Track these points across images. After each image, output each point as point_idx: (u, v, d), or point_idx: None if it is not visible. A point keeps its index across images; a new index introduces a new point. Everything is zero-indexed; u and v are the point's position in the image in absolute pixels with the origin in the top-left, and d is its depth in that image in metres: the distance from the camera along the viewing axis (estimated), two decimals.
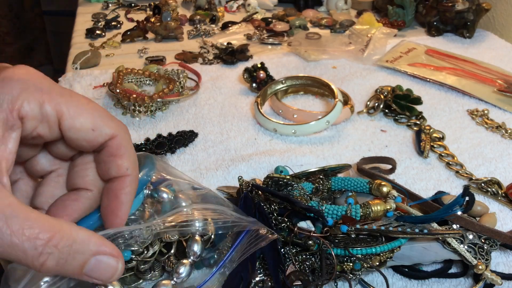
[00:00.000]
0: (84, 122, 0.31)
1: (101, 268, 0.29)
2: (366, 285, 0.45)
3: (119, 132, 0.32)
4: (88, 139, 0.31)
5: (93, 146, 0.32)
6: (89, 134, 0.31)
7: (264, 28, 1.07)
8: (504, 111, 0.77)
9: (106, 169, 0.33)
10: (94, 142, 0.32)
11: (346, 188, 0.52)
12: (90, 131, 0.31)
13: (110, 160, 0.33)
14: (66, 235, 0.27)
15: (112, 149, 0.32)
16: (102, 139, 0.32)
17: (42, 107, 0.29)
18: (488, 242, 0.46)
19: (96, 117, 0.31)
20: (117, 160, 0.33)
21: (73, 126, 0.30)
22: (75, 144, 0.32)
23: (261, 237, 0.41)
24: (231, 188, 0.57)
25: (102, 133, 0.32)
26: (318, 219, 0.45)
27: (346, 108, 0.73)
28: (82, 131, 0.31)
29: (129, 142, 0.33)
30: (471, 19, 1.02)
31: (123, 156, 0.33)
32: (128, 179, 0.33)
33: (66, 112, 0.30)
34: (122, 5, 1.25)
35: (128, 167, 0.33)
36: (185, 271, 0.40)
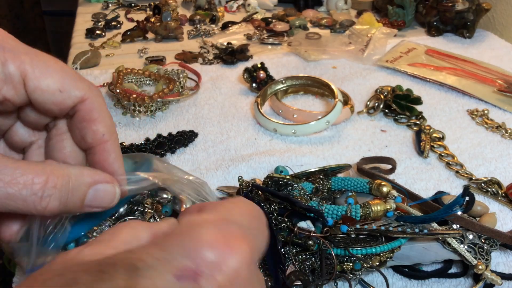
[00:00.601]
0: (50, 83, 0.29)
1: (100, 196, 0.29)
2: (366, 285, 0.45)
3: (90, 94, 0.30)
4: (56, 102, 0.29)
5: (62, 110, 0.30)
6: (57, 95, 0.29)
7: (264, 28, 1.07)
8: (504, 111, 0.77)
9: (81, 137, 0.31)
10: (63, 105, 0.29)
11: (346, 188, 0.52)
12: (58, 93, 0.29)
13: (84, 126, 0.30)
14: (60, 174, 0.27)
15: (84, 113, 0.30)
16: (71, 102, 0.29)
17: (5, 66, 0.27)
18: (488, 242, 0.46)
19: (64, 78, 0.29)
20: (91, 125, 0.30)
21: (38, 87, 0.28)
22: (43, 108, 0.29)
23: None
24: (231, 188, 0.57)
25: (71, 94, 0.29)
26: (318, 219, 0.45)
27: (346, 108, 0.73)
28: (49, 92, 0.29)
29: (102, 105, 0.31)
30: (471, 19, 1.02)
31: (97, 120, 0.30)
32: (108, 146, 0.31)
33: (31, 71, 0.28)
34: (122, 5, 1.25)
35: (105, 132, 0.31)
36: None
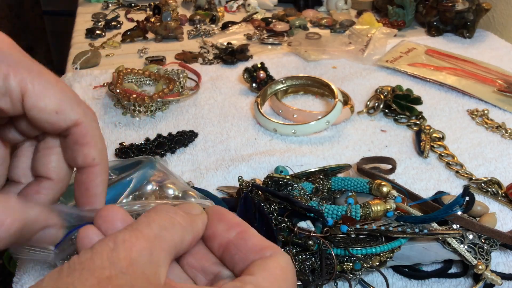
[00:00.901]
0: (48, 103, 0.29)
1: (45, 238, 0.29)
2: (366, 285, 0.45)
3: (85, 118, 0.31)
4: (51, 122, 0.30)
5: (56, 130, 0.30)
6: (52, 116, 0.29)
7: (264, 28, 1.07)
8: (504, 111, 0.77)
9: (72, 157, 0.32)
10: (57, 126, 0.30)
11: (346, 188, 0.52)
12: (54, 114, 0.29)
13: (76, 148, 0.31)
14: (18, 220, 0.27)
15: (77, 137, 0.31)
16: (65, 124, 0.30)
17: (6, 80, 0.28)
18: (488, 242, 0.46)
19: (62, 100, 0.29)
20: (83, 148, 0.31)
21: (36, 105, 0.29)
22: (37, 124, 0.30)
23: None
24: (231, 188, 0.57)
25: (66, 117, 0.30)
26: (318, 219, 0.45)
27: (346, 108, 0.73)
28: (45, 112, 0.29)
29: (96, 130, 0.32)
30: (471, 19, 1.02)
31: (89, 144, 0.31)
32: (97, 169, 0.32)
33: (31, 89, 0.28)
34: (122, 5, 1.25)
35: (95, 157, 0.31)
36: None
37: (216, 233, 0.28)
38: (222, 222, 0.28)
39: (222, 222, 0.28)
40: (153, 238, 0.24)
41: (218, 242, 0.28)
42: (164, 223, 0.25)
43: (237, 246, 0.27)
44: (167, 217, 0.26)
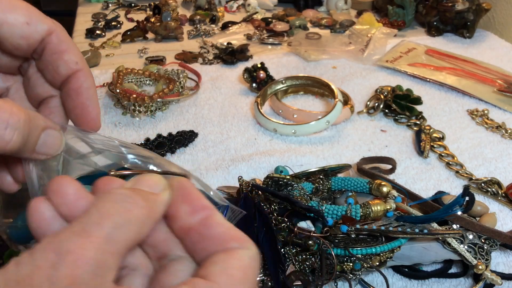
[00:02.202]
0: (17, 16, 0.29)
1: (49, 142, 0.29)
2: (366, 285, 0.45)
3: (56, 27, 0.30)
4: (24, 35, 0.29)
5: (31, 44, 0.30)
6: (24, 28, 0.29)
7: (264, 28, 1.07)
8: (504, 111, 0.77)
9: (54, 70, 0.31)
10: (31, 38, 0.30)
11: (346, 188, 0.53)
12: (25, 25, 0.29)
13: (56, 58, 0.31)
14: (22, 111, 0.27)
15: (54, 46, 0.30)
16: (38, 35, 0.30)
17: None
18: (488, 242, 0.46)
19: (30, 12, 0.29)
20: (62, 56, 0.31)
21: (5, 21, 0.28)
22: (11, 43, 0.30)
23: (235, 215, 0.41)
24: (231, 188, 0.57)
25: (38, 28, 0.30)
26: (318, 219, 0.45)
27: (346, 108, 0.73)
28: (16, 26, 0.29)
29: (69, 37, 0.31)
30: (471, 19, 1.02)
31: (68, 50, 0.31)
32: (82, 74, 0.31)
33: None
34: (122, 5, 1.25)
35: (77, 61, 0.31)
36: None
37: (178, 215, 0.25)
38: (186, 204, 0.25)
39: (186, 204, 0.25)
40: (103, 243, 0.21)
41: (179, 225, 0.25)
42: (118, 220, 0.22)
43: (200, 234, 0.24)
44: (122, 210, 0.23)
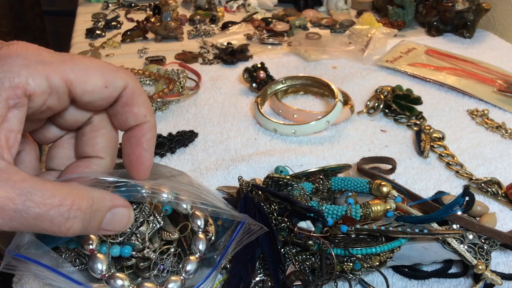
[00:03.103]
0: (95, 83, 0.30)
1: (116, 220, 0.31)
2: (366, 285, 0.45)
3: (130, 81, 0.32)
4: (103, 97, 0.31)
5: (109, 102, 0.32)
6: (103, 92, 0.31)
7: (264, 28, 1.07)
8: (504, 111, 0.77)
9: (123, 120, 0.33)
10: (110, 98, 0.32)
11: (346, 188, 0.53)
12: (104, 89, 0.31)
13: (126, 110, 0.32)
14: (85, 197, 0.28)
15: (127, 99, 0.32)
16: (116, 93, 0.32)
17: (49, 80, 0.28)
18: (488, 242, 0.46)
19: (105, 74, 0.31)
20: (133, 108, 0.32)
21: (85, 90, 0.30)
22: (91, 106, 0.32)
23: (252, 231, 0.41)
24: (231, 188, 0.57)
25: (116, 87, 0.31)
26: (318, 219, 0.45)
27: (346, 108, 0.73)
28: (96, 92, 0.30)
29: (141, 89, 0.33)
30: (471, 19, 1.02)
31: (138, 103, 0.33)
32: (148, 126, 0.33)
33: (75, 78, 0.29)
34: (122, 5, 1.25)
35: (146, 114, 0.33)
36: (193, 267, 0.40)
37: None
38: None
39: None
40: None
41: None
42: None
43: None
44: None
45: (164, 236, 0.43)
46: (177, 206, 0.43)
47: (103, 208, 0.30)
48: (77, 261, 0.41)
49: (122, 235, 0.41)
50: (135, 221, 0.42)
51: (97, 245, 0.39)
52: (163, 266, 0.41)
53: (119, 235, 0.41)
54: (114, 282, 0.37)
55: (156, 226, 0.42)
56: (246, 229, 0.42)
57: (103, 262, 0.38)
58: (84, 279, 0.39)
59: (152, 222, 0.42)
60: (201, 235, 0.42)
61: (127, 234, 0.41)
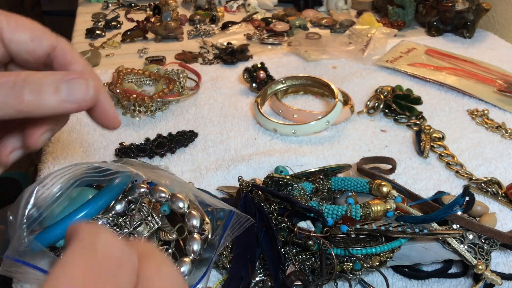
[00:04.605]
0: (22, 35, 0.32)
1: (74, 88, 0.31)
2: (366, 285, 0.45)
3: (59, 42, 0.34)
4: (29, 50, 0.33)
5: (36, 58, 0.33)
6: (29, 45, 0.33)
7: (264, 28, 1.07)
8: (504, 111, 0.77)
9: None
10: (36, 53, 0.33)
11: (346, 188, 0.52)
12: (29, 42, 0.33)
13: (65, 69, 0.34)
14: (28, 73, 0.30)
15: (60, 59, 0.34)
16: (42, 50, 0.33)
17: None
18: (488, 242, 0.46)
19: (34, 30, 0.33)
20: (68, 67, 0.34)
21: (12, 39, 0.32)
22: (21, 58, 0.33)
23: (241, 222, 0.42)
24: (231, 188, 0.57)
25: (42, 43, 0.33)
26: (318, 219, 0.45)
27: (346, 108, 0.73)
28: (21, 43, 0.32)
29: (73, 49, 0.34)
30: (471, 19, 1.02)
31: (72, 61, 0.34)
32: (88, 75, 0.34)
33: (6, 26, 0.32)
34: (122, 5, 1.25)
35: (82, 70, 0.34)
36: (187, 269, 0.40)
37: None
38: None
39: None
40: None
41: None
42: None
43: None
44: None
45: (162, 237, 0.43)
46: (174, 205, 0.43)
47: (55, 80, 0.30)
48: None
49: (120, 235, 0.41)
50: (133, 221, 0.42)
51: None
52: None
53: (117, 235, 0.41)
54: None
55: (154, 227, 0.42)
56: (235, 220, 0.42)
57: None
58: None
59: (150, 222, 0.42)
60: (196, 236, 0.42)
61: (125, 234, 0.41)
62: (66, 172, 0.40)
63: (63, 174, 0.40)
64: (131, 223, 0.42)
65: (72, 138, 0.67)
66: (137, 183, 0.44)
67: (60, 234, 0.39)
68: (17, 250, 0.35)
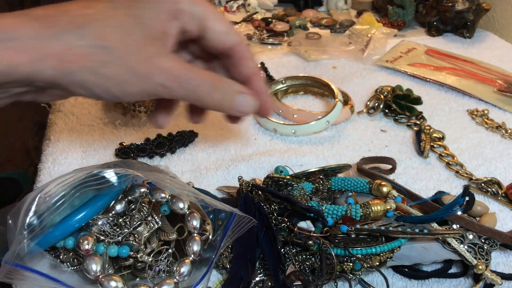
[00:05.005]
0: (221, 26, 0.39)
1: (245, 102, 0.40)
2: (366, 285, 0.45)
3: (243, 40, 0.42)
4: (222, 41, 0.40)
5: (222, 48, 0.40)
6: (223, 36, 0.39)
7: (264, 28, 1.07)
8: (504, 111, 0.77)
9: (239, 71, 0.43)
10: (224, 44, 0.40)
11: (346, 188, 0.53)
12: (224, 34, 0.39)
13: (241, 63, 0.42)
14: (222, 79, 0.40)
15: (241, 54, 0.42)
16: (229, 43, 0.40)
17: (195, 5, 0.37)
18: (488, 242, 0.46)
19: (228, 25, 0.40)
20: (246, 62, 0.42)
21: (213, 27, 0.39)
22: (211, 44, 0.40)
23: (242, 223, 0.42)
24: (231, 188, 0.57)
25: (231, 38, 0.40)
26: (318, 219, 0.45)
27: (346, 108, 0.73)
28: (218, 33, 0.39)
29: (249, 48, 0.42)
30: (471, 19, 1.02)
31: (250, 58, 0.43)
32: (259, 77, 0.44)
33: (210, 15, 0.38)
34: None
35: (255, 67, 0.44)
36: (187, 269, 0.40)
37: None
38: None
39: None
40: None
41: None
42: None
43: None
44: None
45: (162, 237, 0.43)
46: (174, 205, 0.43)
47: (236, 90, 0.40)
48: (75, 261, 0.41)
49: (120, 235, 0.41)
50: (133, 221, 0.42)
51: (93, 245, 0.39)
52: (159, 267, 0.41)
53: (117, 235, 0.41)
54: (108, 284, 0.37)
55: (154, 227, 0.42)
56: (236, 222, 0.42)
57: (98, 263, 0.38)
58: (82, 280, 0.39)
59: (150, 222, 0.42)
60: (196, 237, 0.42)
61: (125, 234, 0.41)
62: (68, 179, 0.40)
63: (65, 181, 0.40)
64: (131, 223, 0.42)
65: (72, 138, 0.67)
66: (137, 183, 0.44)
67: (60, 235, 0.39)
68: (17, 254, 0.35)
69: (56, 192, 0.39)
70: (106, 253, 0.40)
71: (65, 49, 0.32)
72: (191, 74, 0.36)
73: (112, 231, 0.41)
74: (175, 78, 0.36)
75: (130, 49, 0.34)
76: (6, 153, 1.68)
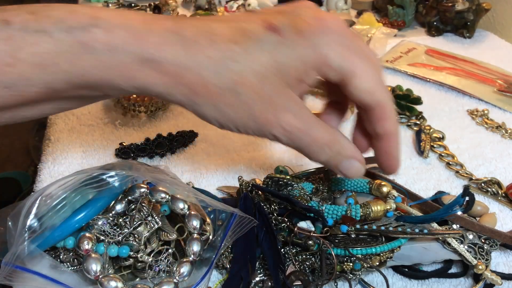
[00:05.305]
0: (367, 85, 0.35)
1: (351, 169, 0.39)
2: (366, 285, 0.45)
3: (387, 100, 0.37)
4: (362, 99, 0.36)
5: (363, 105, 0.37)
6: (365, 95, 0.36)
7: None
8: (504, 111, 0.77)
9: (371, 128, 0.39)
10: (364, 102, 0.36)
11: (346, 188, 0.52)
12: (368, 93, 0.35)
13: (378, 122, 0.38)
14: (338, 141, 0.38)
15: (380, 114, 0.37)
16: (371, 103, 0.36)
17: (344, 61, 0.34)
18: (488, 242, 0.46)
19: (375, 83, 0.36)
20: (383, 122, 0.38)
21: (357, 85, 0.35)
22: (349, 97, 0.37)
23: (243, 223, 0.42)
24: (231, 188, 0.57)
25: (374, 98, 0.36)
26: (318, 219, 0.45)
27: None
28: (362, 91, 0.35)
29: (392, 107, 0.38)
30: (471, 19, 1.02)
31: (388, 119, 0.38)
32: (394, 138, 0.40)
33: (358, 71, 0.34)
34: (122, 5, 1.25)
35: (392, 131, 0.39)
36: (187, 270, 0.40)
37: None
38: None
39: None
40: None
41: None
42: None
43: None
44: None
45: (162, 237, 0.43)
46: (174, 206, 0.43)
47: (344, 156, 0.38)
48: (75, 261, 0.41)
49: (120, 235, 0.41)
50: (133, 221, 0.42)
51: (93, 245, 0.39)
52: (159, 267, 0.41)
53: (117, 235, 0.41)
54: (108, 284, 0.37)
55: (154, 227, 0.42)
56: (237, 222, 0.42)
57: (97, 263, 0.38)
58: (82, 280, 0.39)
59: (150, 222, 0.42)
60: (196, 236, 0.42)
61: (125, 234, 0.41)
62: (69, 181, 0.40)
63: (66, 183, 0.40)
64: (131, 223, 0.42)
65: (72, 138, 0.67)
66: (137, 183, 0.44)
67: (60, 236, 0.39)
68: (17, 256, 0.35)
69: (57, 194, 0.39)
70: (106, 253, 0.40)
71: (201, 85, 0.34)
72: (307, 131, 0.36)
73: (112, 231, 0.41)
74: (289, 134, 0.36)
75: (261, 99, 0.34)
76: (6, 153, 1.68)
